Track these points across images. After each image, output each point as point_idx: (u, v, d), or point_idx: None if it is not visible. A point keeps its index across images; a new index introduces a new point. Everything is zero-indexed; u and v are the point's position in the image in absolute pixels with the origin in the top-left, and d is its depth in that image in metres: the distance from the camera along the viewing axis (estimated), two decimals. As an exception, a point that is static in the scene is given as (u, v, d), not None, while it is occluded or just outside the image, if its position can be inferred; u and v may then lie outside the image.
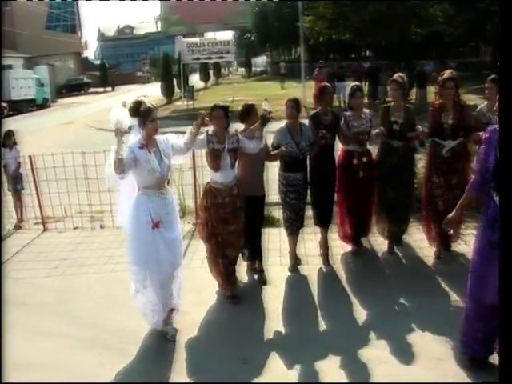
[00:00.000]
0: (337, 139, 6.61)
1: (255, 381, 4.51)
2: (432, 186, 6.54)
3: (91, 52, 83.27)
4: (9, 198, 9.20)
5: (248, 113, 6.11)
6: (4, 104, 30.26)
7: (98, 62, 65.91)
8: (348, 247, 7.05)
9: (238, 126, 6.03)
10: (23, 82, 37.16)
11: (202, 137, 5.58)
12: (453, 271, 6.22)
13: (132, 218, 5.08)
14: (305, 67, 25.79)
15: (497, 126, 4.04)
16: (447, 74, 6.37)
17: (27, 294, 6.35)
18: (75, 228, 8.64)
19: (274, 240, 7.29)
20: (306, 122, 6.53)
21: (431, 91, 6.06)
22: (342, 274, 6.49)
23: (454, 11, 23.58)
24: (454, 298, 5.65)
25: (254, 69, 62.22)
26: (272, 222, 7.81)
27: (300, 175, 6.34)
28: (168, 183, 5.37)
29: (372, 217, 6.98)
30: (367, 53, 50.88)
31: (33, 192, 8.85)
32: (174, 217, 5.23)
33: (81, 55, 65.24)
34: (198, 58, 30.60)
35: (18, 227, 8.96)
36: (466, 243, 6.73)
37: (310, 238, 7.27)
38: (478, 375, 4.32)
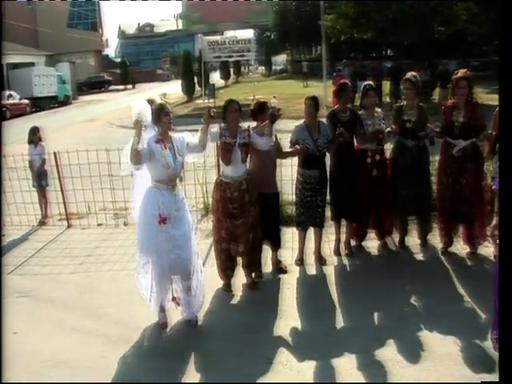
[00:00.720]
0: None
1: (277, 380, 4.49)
2: (442, 185, 6.59)
3: (112, 50, 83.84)
4: (33, 194, 9.26)
5: (260, 110, 6.16)
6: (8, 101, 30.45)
7: (119, 60, 66.24)
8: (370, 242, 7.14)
9: (252, 124, 6.12)
10: (45, 79, 37.56)
11: (215, 130, 5.70)
12: (473, 273, 6.21)
13: (141, 208, 5.27)
14: (326, 66, 25.63)
15: None
16: (461, 73, 6.38)
17: (52, 290, 6.40)
18: (99, 225, 8.68)
19: (288, 239, 7.28)
20: (324, 120, 6.57)
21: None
22: (354, 271, 6.58)
23: (478, 10, 23.25)
24: (467, 299, 5.61)
25: (273, 67, 62.21)
26: (284, 221, 7.78)
27: (316, 172, 6.40)
28: (181, 180, 5.50)
29: (390, 216, 7.02)
30: (388, 52, 50.50)
31: (57, 188, 8.91)
32: (183, 213, 5.32)
33: (101, 53, 65.62)
34: (218, 57, 30.60)
35: (42, 223, 9.02)
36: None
37: (325, 237, 7.20)
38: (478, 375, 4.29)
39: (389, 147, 7.01)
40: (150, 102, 5.27)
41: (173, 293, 5.48)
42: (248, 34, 37.15)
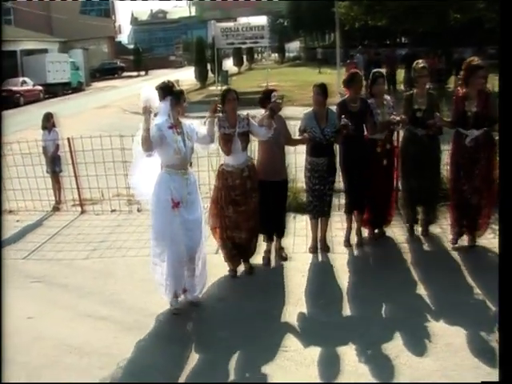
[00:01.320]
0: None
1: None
2: (455, 176, 6.48)
3: (125, 36, 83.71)
4: (47, 179, 9.29)
5: (268, 97, 6.07)
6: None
7: (132, 47, 66.19)
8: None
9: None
10: (58, 66, 37.65)
11: (214, 121, 5.70)
12: (476, 264, 6.16)
13: (154, 196, 5.27)
14: (340, 53, 25.44)
15: None
16: (477, 61, 6.21)
17: (66, 276, 6.43)
18: (112, 211, 8.70)
19: (301, 227, 7.26)
20: (334, 108, 6.54)
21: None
22: (365, 260, 6.59)
23: (496, -4, 22.98)
24: (477, 290, 5.55)
25: (287, 54, 61.84)
26: (299, 208, 7.77)
27: (324, 160, 6.38)
28: (191, 165, 5.48)
29: (392, 204, 7.08)
30: (403, 39, 50.03)
31: (71, 174, 8.95)
32: (195, 197, 5.38)
33: (114, 39, 65.51)
34: (232, 43, 30.49)
35: (56, 209, 9.06)
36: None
37: (337, 226, 7.24)
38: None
39: (398, 136, 6.99)
40: (172, 83, 5.27)
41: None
42: (261, 20, 37.18)
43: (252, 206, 5.94)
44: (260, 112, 6.23)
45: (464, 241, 6.65)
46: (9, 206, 9.11)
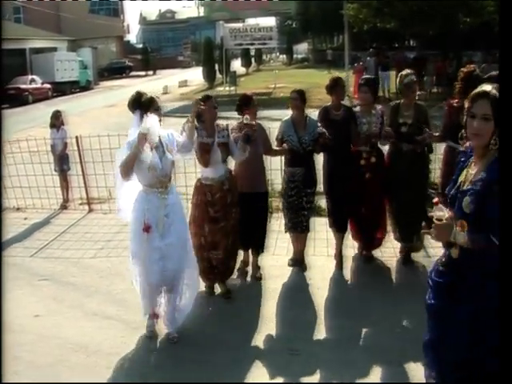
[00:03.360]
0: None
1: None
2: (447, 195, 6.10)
3: (133, 36, 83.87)
4: (55, 178, 9.31)
5: (245, 105, 5.83)
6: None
7: (140, 46, 66.32)
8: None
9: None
10: (67, 64, 37.83)
11: None
12: None
13: (132, 214, 4.83)
14: (349, 56, 25.43)
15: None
16: (476, 71, 5.74)
17: (74, 274, 6.43)
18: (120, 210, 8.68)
19: (321, 230, 7.09)
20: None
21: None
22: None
23: None
24: None
25: (295, 56, 61.79)
26: (318, 212, 7.62)
27: (300, 170, 5.98)
28: (170, 180, 4.89)
29: (383, 225, 6.41)
30: (411, 42, 49.92)
31: (79, 173, 8.96)
32: (175, 219, 4.82)
33: (123, 39, 65.56)
34: (240, 44, 30.44)
35: (63, 207, 9.07)
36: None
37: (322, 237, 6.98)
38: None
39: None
40: (140, 94, 4.85)
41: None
42: (270, 21, 37.09)
43: (231, 222, 5.56)
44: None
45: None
46: (17, 203, 9.14)
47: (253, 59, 50.09)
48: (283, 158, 6.26)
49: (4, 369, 4.22)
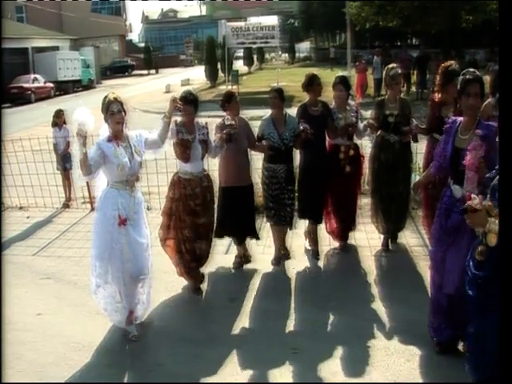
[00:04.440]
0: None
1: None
2: (429, 184, 6.10)
3: (135, 35, 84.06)
4: (58, 176, 9.32)
5: (228, 100, 6.00)
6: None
7: (142, 45, 66.42)
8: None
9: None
10: (69, 63, 37.87)
11: (170, 126, 5.34)
12: None
13: (98, 212, 4.92)
14: (351, 54, 25.39)
15: (457, 118, 4.42)
16: (453, 66, 5.92)
17: (76, 273, 6.41)
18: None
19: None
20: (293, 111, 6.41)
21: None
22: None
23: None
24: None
25: (297, 55, 61.74)
26: None
27: (282, 167, 6.15)
28: (137, 180, 5.03)
29: (357, 211, 6.86)
30: (414, 41, 49.86)
31: (81, 172, 8.93)
32: (140, 217, 4.99)
33: (125, 38, 65.67)
34: (242, 43, 30.37)
35: (65, 206, 9.08)
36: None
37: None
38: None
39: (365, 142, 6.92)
40: (104, 98, 4.90)
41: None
42: (272, 20, 36.97)
43: (211, 218, 5.81)
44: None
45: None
46: (19, 202, 9.16)
47: (255, 58, 50.05)
48: (263, 155, 6.37)
49: (4, 369, 4.24)
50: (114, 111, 4.76)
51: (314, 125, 6.03)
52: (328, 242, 6.93)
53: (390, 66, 6.51)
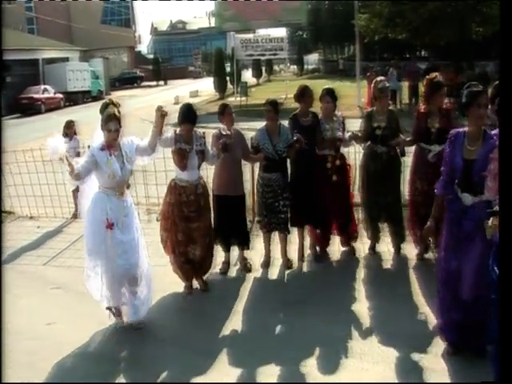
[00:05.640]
0: None
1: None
2: (416, 191, 6.39)
3: (144, 46, 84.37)
4: (67, 187, 9.32)
5: (222, 112, 6.28)
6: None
7: (151, 56, 66.82)
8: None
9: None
10: (79, 74, 38.12)
11: (169, 135, 5.65)
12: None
13: (88, 213, 5.18)
14: (360, 66, 25.38)
15: (460, 130, 4.48)
16: (439, 77, 6.17)
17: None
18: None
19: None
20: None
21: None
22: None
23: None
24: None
25: (305, 66, 61.90)
26: None
27: (276, 176, 6.36)
28: (128, 187, 5.37)
29: (354, 220, 6.99)
30: (422, 53, 49.88)
31: (91, 182, 8.95)
32: (131, 219, 5.26)
33: (134, 49, 66.13)
34: (251, 55, 30.52)
35: (75, 216, 9.07)
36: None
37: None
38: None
39: (352, 151, 7.11)
40: (102, 105, 5.14)
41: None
42: (281, 32, 37.09)
43: (207, 223, 5.99)
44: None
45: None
46: (30, 212, 9.20)
47: (264, 70, 50.19)
48: (258, 164, 6.65)
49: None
50: (111, 129, 4.99)
51: (305, 134, 6.24)
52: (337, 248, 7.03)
53: (379, 78, 6.75)
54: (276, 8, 30.67)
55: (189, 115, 5.74)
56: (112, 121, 4.98)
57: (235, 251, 6.66)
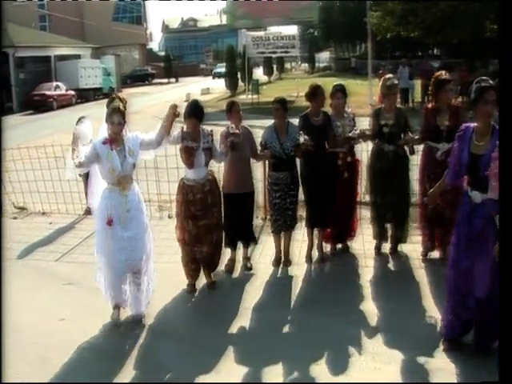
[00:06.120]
0: None
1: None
2: (425, 191, 6.18)
3: (156, 43, 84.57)
4: (80, 183, 9.35)
5: (229, 110, 6.25)
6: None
7: (163, 54, 66.89)
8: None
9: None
10: (91, 72, 38.24)
11: (176, 133, 5.64)
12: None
13: (96, 212, 5.34)
14: (372, 64, 25.28)
15: (470, 124, 4.46)
16: (444, 75, 6.14)
17: (98, 280, 6.42)
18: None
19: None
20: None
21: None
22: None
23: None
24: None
25: (317, 64, 61.73)
26: None
27: (284, 175, 6.30)
28: (131, 180, 5.30)
29: (355, 219, 6.94)
30: (435, 51, 49.62)
31: (103, 178, 8.98)
32: (135, 214, 5.24)
33: (146, 46, 66.21)
34: (262, 52, 30.43)
35: (87, 212, 9.08)
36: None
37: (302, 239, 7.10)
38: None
39: (361, 148, 7.03)
40: (109, 99, 5.26)
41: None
42: (292, 30, 37.16)
43: (214, 221, 5.91)
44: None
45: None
46: (42, 208, 9.24)
47: (275, 68, 50.06)
48: (267, 162, 6.61)
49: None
50: (114, 122, 5.04)
51: (315, 134, 6.18)
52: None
53: (387, 76, 6.70)
54: (287, 6, 30.60)
55: (195, 110, 5.71)
56: (116, 114, 5.04)
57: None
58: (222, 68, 47.77)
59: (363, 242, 7.04)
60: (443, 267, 5.46)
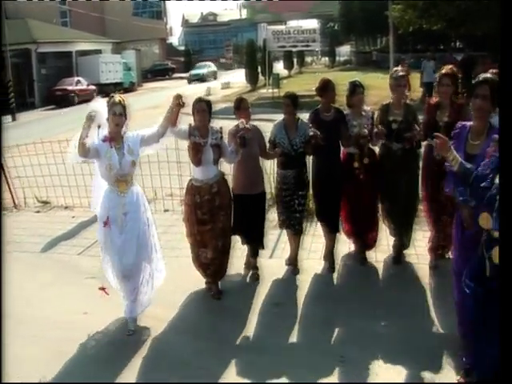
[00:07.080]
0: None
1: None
2: (426, 193, 6.11)
3: (175, 38, 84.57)
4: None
5: (238, 107, 6.03)
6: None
7: (182, 48, 66.98)
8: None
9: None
10: (111, 66, 38.53)
11: (184, 128, 5.49)
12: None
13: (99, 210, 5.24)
14: (394, 57, 25.05)
15: (466, 123, 4.28)
16: (445, 69, 5.87)
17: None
18: (165, 211, 8.73)
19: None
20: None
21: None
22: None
23: None
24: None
25: (337, 58, 61.37)
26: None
27: (292, 172, 6.08)
28: (130, 179, 5.18)
29: (375, 227, 6.52)
30: (457, 44, 48.97)
31: (125, 173, 9.00)
32: (132, 217, 5.08)
33: (166, 41, 66.31)
34: (283, 46, 30.31)
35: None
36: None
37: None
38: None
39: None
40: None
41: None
42: (312, 23, 36.94)
43: (220, 225, 5.64)
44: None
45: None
46: (65, 202, 9.30)
47: (295, 61, 49.84)
48: (275, 160, 6.38)
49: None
50: (115, 112, 4.97)
51: (326, 130, 5.93)
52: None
53: (394, 69, 6.43)
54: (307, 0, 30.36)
55: (201, 103, 5.54)
56: (117, 105, 4.99)
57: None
58: (201, 69, 47.65)
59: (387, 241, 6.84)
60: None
